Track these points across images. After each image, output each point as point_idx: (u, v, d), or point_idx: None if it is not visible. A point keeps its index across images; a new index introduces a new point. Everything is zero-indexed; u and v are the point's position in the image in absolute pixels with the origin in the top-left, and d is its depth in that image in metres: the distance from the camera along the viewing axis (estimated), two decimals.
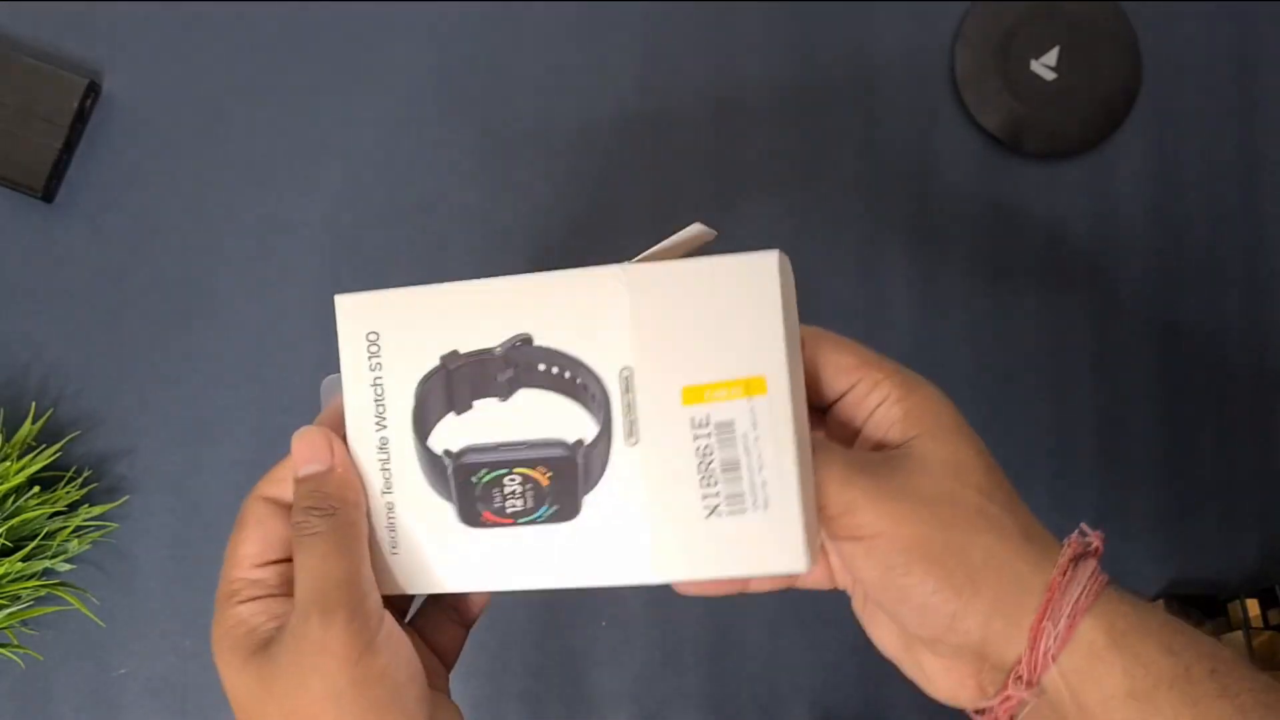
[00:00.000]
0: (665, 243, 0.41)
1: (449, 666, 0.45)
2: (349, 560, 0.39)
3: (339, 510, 0.40)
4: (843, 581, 0.44)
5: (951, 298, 0.67)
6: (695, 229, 0.41)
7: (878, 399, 0.40)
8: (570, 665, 0.64)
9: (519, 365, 0.40)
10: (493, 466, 0.40)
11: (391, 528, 0.41)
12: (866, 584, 0.40)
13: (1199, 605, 0.63)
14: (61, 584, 0.62)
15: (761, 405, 0.38)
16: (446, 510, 0.41)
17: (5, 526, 0.59)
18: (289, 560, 0.41)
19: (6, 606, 0.59)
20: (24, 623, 0.62)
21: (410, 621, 0.45)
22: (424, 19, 0.68)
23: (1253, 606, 0.60)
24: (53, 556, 0.61)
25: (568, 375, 0.40)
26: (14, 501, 0.60)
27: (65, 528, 0.61)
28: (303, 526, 0.40)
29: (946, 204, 0.67)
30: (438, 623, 0.45)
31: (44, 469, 0.62)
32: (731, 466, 0.38)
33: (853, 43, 0.68)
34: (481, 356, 0.40)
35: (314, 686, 0.37)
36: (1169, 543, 0.66)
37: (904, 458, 0.39)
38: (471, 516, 0.41)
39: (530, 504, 0.40)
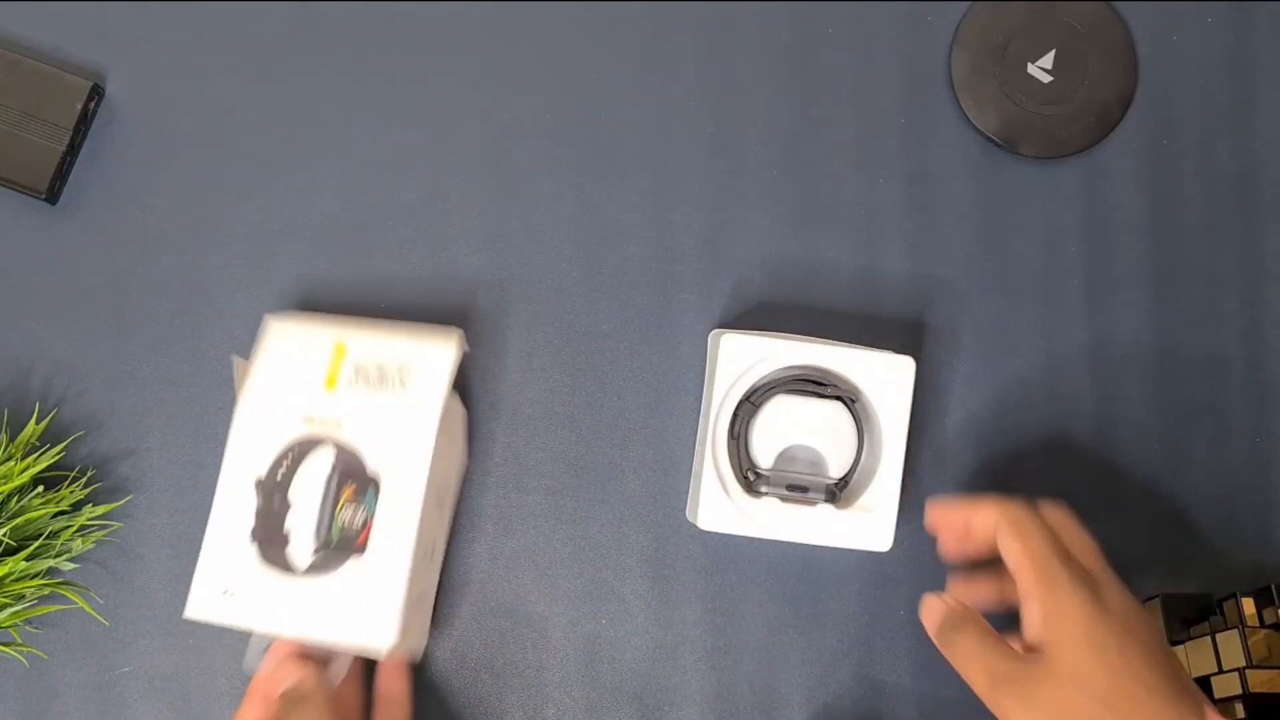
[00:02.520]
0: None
1: None
2: None
3: None
4: None
5: (948, 299, 0.67)
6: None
7: (1026, 594, 0.53)
8: (570, 663, 0.65)
9: None
10: None
11: None
12: None
13: (1195, 604, 0.63)
14: (65, 583, 0.63)
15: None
16: None
17: (9, 526, 0.59)
18: None
19: (11, 605, 0.60)
20: (28, 621, 0.63)
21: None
22: (423, 19, 0.69)
23: (1248, 605, 0.60)
24: (56, 556, 0.61)
25: None
26: (18, 501, 0.60)
27: (69, 527, 0.62)
28: None
29: (943, 205, 0.68)
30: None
31: (48, 469, 0.62)
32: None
33: (850, 45, 0.69)
34: None
35: None
36: (1166, 542, 0.66)
37: (1041, 668, 0.51)
38: None
39: None
